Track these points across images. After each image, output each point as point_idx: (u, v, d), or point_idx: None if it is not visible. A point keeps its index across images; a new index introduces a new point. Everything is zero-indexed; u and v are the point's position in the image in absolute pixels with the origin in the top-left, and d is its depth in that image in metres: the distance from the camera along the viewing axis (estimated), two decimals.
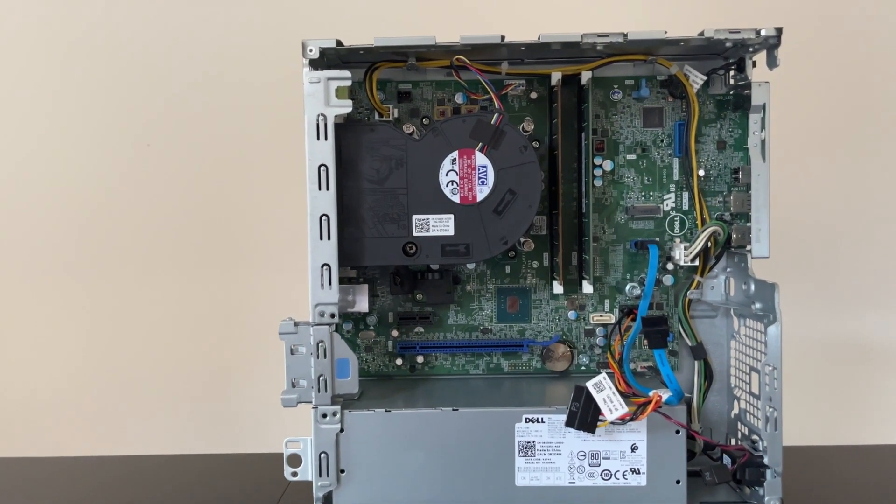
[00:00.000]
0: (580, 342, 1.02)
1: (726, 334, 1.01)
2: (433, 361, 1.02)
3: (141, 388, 1.47)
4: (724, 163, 0.99)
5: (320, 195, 0.87)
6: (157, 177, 1.44)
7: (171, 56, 1.41)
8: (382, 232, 0.89)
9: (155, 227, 1.45)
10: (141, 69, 1.42)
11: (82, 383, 1.48)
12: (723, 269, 1.00)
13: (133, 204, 1.44)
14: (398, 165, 0.88)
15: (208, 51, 1.41)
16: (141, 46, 1.42)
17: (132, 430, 1.46)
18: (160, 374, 1.47)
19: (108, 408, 1.46)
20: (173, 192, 1.43)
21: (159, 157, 1.43)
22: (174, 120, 1.42)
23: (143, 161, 1.43)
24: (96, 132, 1.43)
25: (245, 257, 1.45)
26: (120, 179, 1.45)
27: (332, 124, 0.86)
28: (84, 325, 1.47)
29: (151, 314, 1.45)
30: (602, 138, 0.98)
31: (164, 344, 1.46)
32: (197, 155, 1.42)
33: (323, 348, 0.88)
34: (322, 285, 0.87)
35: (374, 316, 1.02)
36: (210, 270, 1.44)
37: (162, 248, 1.44)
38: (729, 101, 0.98)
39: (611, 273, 1.00)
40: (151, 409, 1.46)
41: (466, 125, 0.88)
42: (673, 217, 1.00)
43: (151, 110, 1.42)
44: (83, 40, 1.43)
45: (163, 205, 1.45)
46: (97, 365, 1.48)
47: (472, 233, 0.87)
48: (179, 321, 1.44)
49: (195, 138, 1.42)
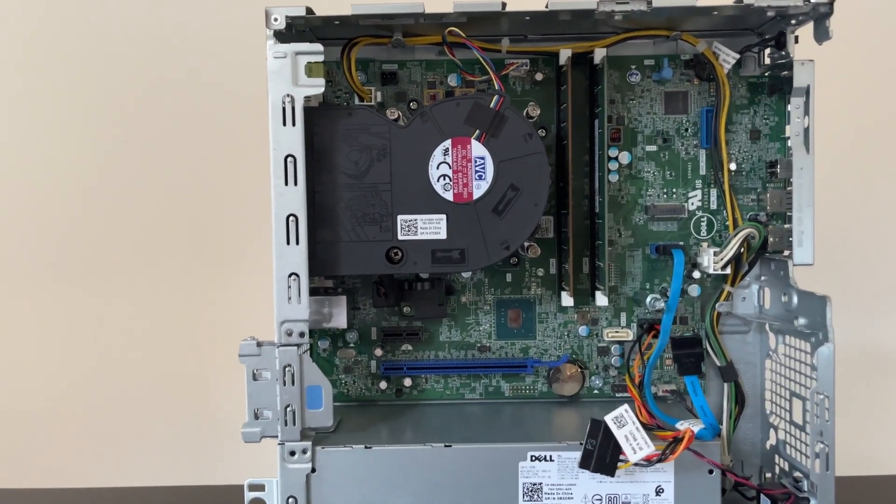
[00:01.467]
0: (592, 362, 0.94)
1: (760, 352, 0.93)
2: (423, 384, 0.94)
3: (106, 409, 1.32)
4: (758, 155, 0.91)
5: (287, 192, 0.77)
6: (129, 175, 1.30)
7: (144, 48, 1.29)
8: (362, 235, 0.79)
9: (128, 230, 1.33)
10: (103, 60, 1.28)
11: (39, 408, 1.33)
12: (756, 277, 0.91)
13: (102, 206, 1.30)
14: (380, 157, 0.79)
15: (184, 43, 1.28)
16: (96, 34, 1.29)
17: (92, 455, 1.31)
18: (129, 392, 1.32)
19: (70, 432, 1.32)
20: (145, 191, 1.30)
21: (132, 156, 1.30)
22: (147, 115, 1.29)
23: (114, 159, 1.31)
24: (68, 130, 1.30)
25: (229, 262, 1.32)
26: (91, 178, 1.32)
27: (300, 107, 0.76)
28: (48, 338, 1.33)
29: (122, 324, 1.32)
30: (618, 126, 0.90)
31: (138, 358, 1.32)
32: (175, 149, 1.30)
33: (291, 373, 0.78)
34: (289, 299, 0.77)
35: (355, 332, 0.93)
36: (191, 277, 1.32)
37: (134, 252, 1.33)
38: (764, 84, 0.90)
39: (628, 282, 0.92)
40: (117, 432, 1.32)
41: (461, 109, 0.78)
42: (699, 218, 0.92)
43: (122, 105, 1.29)
44: (43, 30, 1.30)
45: (128, 206, 1.30)
46: (67, 381, 1.34)
47: (468, 236, 0.79)
48: (154, 333, 1.30)
49: (175, 133, 1.30)
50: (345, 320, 0.89)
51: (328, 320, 0.89)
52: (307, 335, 0.79)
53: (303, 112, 0.76)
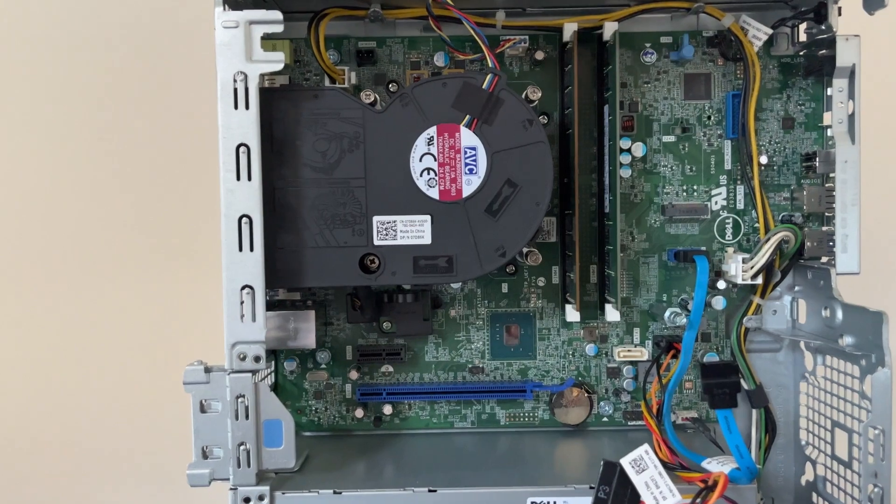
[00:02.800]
0: (601, 385, 0.88)
1: (793, 374, 0.87)
2: (405, 412, 0.88)
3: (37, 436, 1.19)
4: (792, 146, 0.85)
5: (239, 188, 0.68)
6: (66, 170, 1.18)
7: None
8: (331, 240, 0.72)
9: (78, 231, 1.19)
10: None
11: None
12: (788, 287, 0.86)
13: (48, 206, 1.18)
14: (353, 147, 0.72)
15: None
16: None
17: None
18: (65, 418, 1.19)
19: None
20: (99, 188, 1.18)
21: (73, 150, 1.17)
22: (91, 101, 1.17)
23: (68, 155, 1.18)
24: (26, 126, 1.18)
25: (182, 268, 1.18)
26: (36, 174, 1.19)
27: (255, 87, 0.68)
28: None
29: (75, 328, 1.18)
30: (631, 114, 0.85)
31: (77, 380, 1.18)
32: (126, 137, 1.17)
33: (244, 405, 0.70)
34: (242, 316, 0.69)
35: (327, 351, 0.87)
36: (138, 285, 1.18)
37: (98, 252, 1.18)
38: (799, 65, 0.84)
39: (642, 293, 0.86)
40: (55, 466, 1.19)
41: (448, 90, 0.71)
42: (724, 219, 0.86)
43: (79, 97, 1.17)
44: None
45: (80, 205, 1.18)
46: None
47: (457, 241, 0.72)
48: (97, 351, 1.18)
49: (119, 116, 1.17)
50: (313, 339, 0.81)
51: (294, 338, 0.81)
52: (263, 359, 0.70)
53: (258, 93, 0.68)
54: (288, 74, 0.82)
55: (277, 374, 0.87)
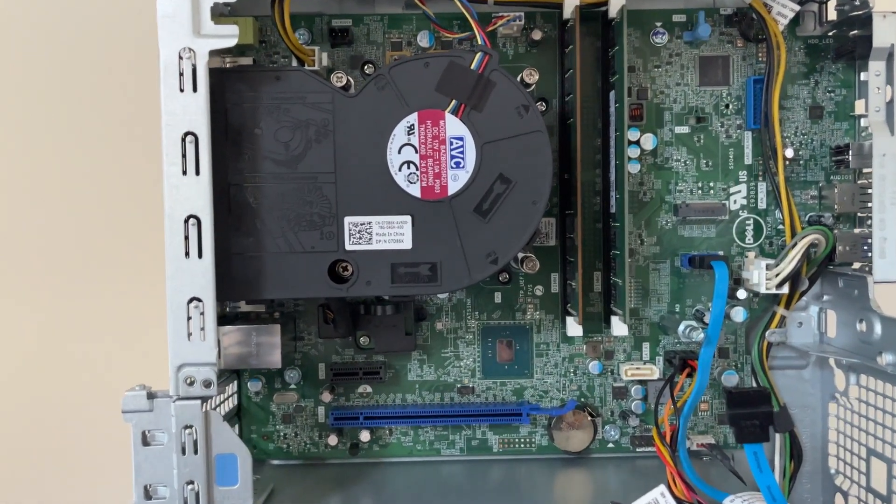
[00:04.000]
0: (606, 407, 0.85)
1: (821, 394, 0.83)
2: (385, 438, 0.85)
3: None
4: (820, 138, 0.82)
5: (185, 184, 0.63)
6: None
7: None
8: (295, 244, 0.67)
9: None
10: None
11: None
12: (815, 296, 0.82)
13: None
14: (320, 136, 0.67)
15: None
16: None
17: None
18: None
19: None
20: None
21: None
22: None
23: None
24: None
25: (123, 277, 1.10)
26: None
27: (204, 66, 0.62)
28: None
29: None
30: (639, 101, 0.82)
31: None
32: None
33: (192, 438, 0.63)
34: (189, 334, 0.62)
35: (296, 370, 0.83)
36: (74, 295, 1.10)
37: None
38: (828, 46, 0.81)
39: (652, 303, 0.83)
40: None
41: (431, 71, 0.67)
42: (744, 220, 0.83)
43: None
44: None
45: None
46: None
47: (442, 245, 0.68)
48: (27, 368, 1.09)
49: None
50: (279, 356, 0.76)
51: (256, 356, 0.76)
52: (215, 384, 0.63)
53: (207, 74, 0.63)
54: (252, 57, 0.78)
55: (241, 396, 0.82)
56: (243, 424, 0.80)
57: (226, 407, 0.77)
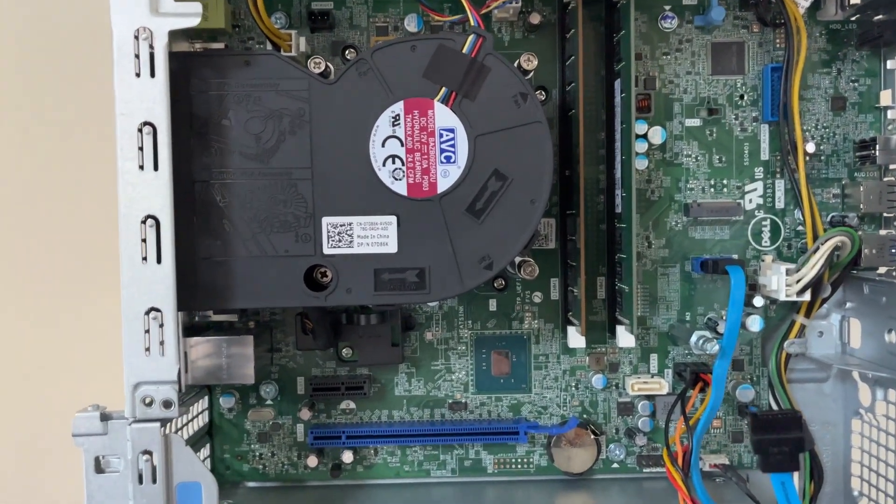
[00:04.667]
0: (611, 425, 0.82)
1: (844, 410, 0.81)
2: (370, 458, 0.82)
3: None
4: (843, 131, 0.80)
5: (142, 181, 0.58)
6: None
7: None
8: (268, 248, 0.63)
9: None
10: None
11: None
12: (837, 303, 0.80)
13: None
14: (295, 127, 0.63)
15: None
16: None
17: None
18: None
19: None
20: None
21: None
22: None
23: None
24: None
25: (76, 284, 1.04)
26: None
27: (163, 48, 0.57)
28: None
29: None
30: (647, 91, 0.80)
31: None
32: None
33: (150, 465, 0.58)
34: (146, 349, 0.57)
35: (273, 385, 0.80)
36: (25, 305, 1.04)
37: None
38: (851, 32, 0.78)
39: (660, 311, 0.81)
40: None
41: (419, 55, 0.63)
42: (761, 220, 0.80)
43: None
44: None
45: None
46: None
47: (431, 249, 0.65)
48: None
49: None
50: (251, 371, 0.72)
51: (227, 370, 0.72)
52: (176, 405, 0.58)
53: (167, 57, 0.58)
54: (224, 42, 0.74)
55: (212, 413, 0.78)
56: (215, 443, 0.76)
57: (195, 425, 0.72)
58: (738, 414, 0.78)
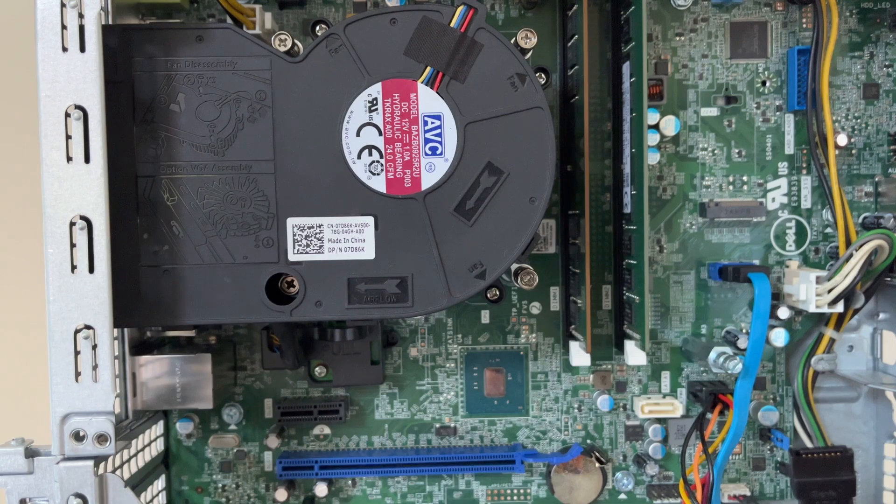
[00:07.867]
0: (618, 451, 0.78)
1: (875, 433, 0.77)
2: (347, 490, 0.77)
3: None
4: (876, 122, 0.76)
5: (70, 175, 0.52)
6: None
7: None
8: (223, 254, 0.58)
9: None
10: None
11: None
12: (868, 314, 0.76)
13: None
14: (256, 114, 0.57)
15: None
16: None
17: None
18: None
19: None
20: None
21: None
22: None
23: None
24: None
25: None
26: None
27: (95, 20, 0.51)
28: None
29: None
30: (658, 77, 0.76)
31: None
32: None
33: None
34: (77, 374, 0.51)
35: (237, 408, 0.75)
36: None
37: None
38: (883, 12, 0.75)
39: (673, 324, 0.77)
40: None
41: (399, 30, 0.58)
42: (784, 222, 0.76)
43: None
44: None
45: None
46: None
47: (414, 255, 0.60)
48: None
49: None
50: (210, 392, 0.66)
51: (182, 393, 0.66)
52: (112, 440, 0.52)
53: (100, 29, 0.52)
54: (181, 19, 0.69)
55: (168, 439, 0.73)
56: (172, 474, 0.70)
57: (150, 452, 0.64)
58: (759, 438, 0.73)
